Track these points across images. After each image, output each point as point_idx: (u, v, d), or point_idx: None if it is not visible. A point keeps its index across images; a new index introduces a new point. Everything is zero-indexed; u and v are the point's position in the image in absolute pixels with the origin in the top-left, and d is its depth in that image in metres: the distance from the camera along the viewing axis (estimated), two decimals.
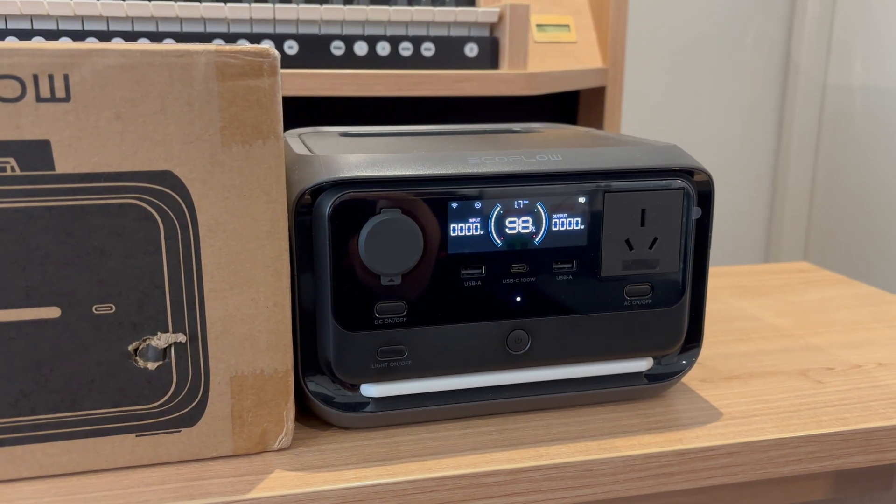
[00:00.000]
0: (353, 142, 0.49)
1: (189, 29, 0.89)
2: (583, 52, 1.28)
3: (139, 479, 0.38)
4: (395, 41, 0.94)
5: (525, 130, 0.60)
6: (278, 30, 0.91)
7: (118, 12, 0.85)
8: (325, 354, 0.41)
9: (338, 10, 0.91)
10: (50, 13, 0.84)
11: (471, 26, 0.98)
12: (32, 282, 0.36)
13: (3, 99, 0.34)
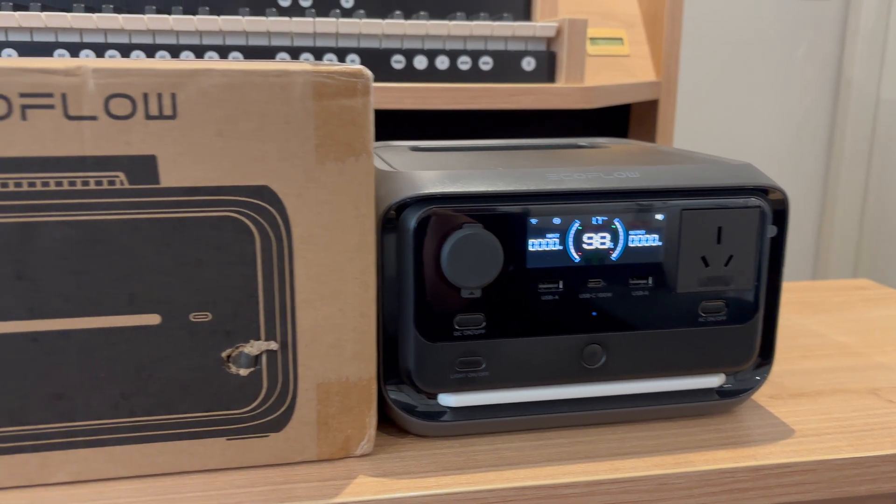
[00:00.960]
0: (427, 157, 0.50)
1: (254, 42, 0.91)
2: (635, 66, 1.29)
3: (229, 481, 0.40)
4: (453, 55, 0.96)
5: (591, 145, 0.61)
6: (340, 44, 0.93)
7: (188, 27, 0.88)
8: (406, 364, 0.42)
9: (399, 25, 0.93)
10: (124, 27, 0.86)
11: (528, 40, 0.99)
12: (135, 290, 0.38)
13: (115, 116, 0.36)
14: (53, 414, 0.38)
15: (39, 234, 0.36)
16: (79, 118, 0.35)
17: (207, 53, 0.89)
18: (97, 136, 0.36)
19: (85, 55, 0.86)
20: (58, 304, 0.37)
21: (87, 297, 0.37)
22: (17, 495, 0.38)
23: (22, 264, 0.36)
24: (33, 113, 0.35)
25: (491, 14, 1.03)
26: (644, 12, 1.32)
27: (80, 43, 0.88)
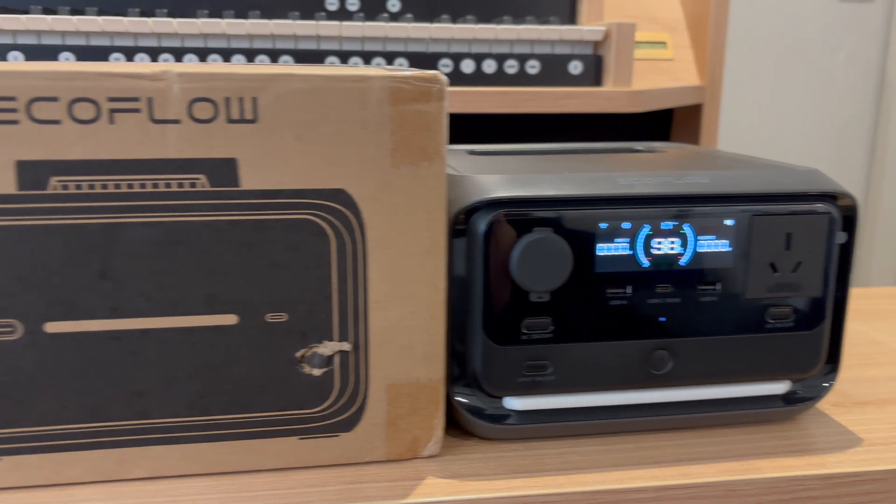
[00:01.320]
0: (488, 160, 0.50)
1: (304, 46, 0.92)
2: (679, 70, 1.28)
3: (301, 480, 0.40)
4: (501, 59, 0.96)
5: (647, 150, 0.61)
6: (388, 47, 0.94)
7: (240, 30, 0.89)
8: (473, 366, 0.43)
9: (446, 29, 0.94)
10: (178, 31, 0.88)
11: (574, 44, 0.99)
12: (214, 290, 0.38)
13: (198, 120, 0.36)
14: (132, 411, 0.39)
15: (124, 235, 0.37)
16: (163, 122, 0.36)
17: (258, 57, 0.90)
18: (180, 139, 0.36)
19: (139, 59, 0.88)
20: (139, 303, 0.38)
21: (168, 297, 0.38)
22: (96, 490, 0.39)
23: (106, 264, 0.37)
24: (120, 116, 0.36)
25: (537, 18, 1.03)
26: (687, 16, 1.31)
27: (134, 47, 0.89)
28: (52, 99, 0.35)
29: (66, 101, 0.35)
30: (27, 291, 0.37)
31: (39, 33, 0.87)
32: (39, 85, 0.35)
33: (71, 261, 0.37)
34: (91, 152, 0.36)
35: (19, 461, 0.39)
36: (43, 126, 0.35)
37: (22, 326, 0.37)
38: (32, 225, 0.36)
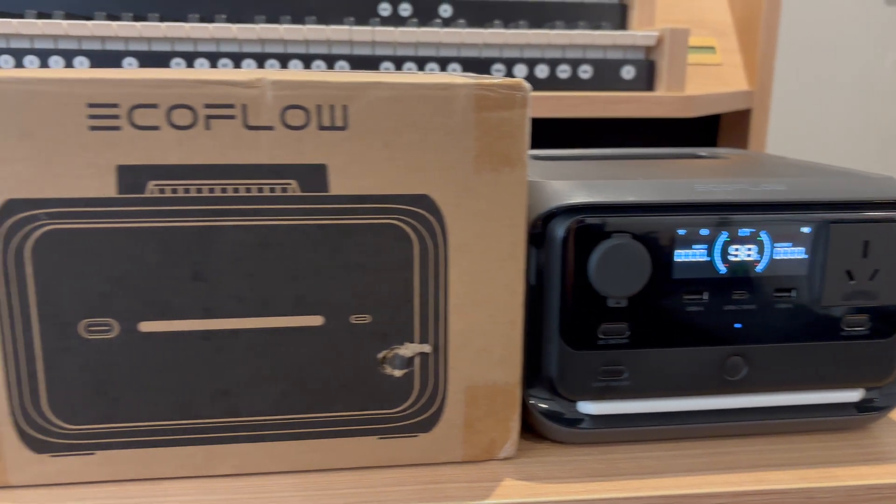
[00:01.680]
0: (556, 166, 0.51)
1: (359, 52, 0.93)
2: (727, 74, 1.27)
3: (380, 479, 0.41)
4: (553, 63, 0.96)
5: (712, 155, 0.61)
6: (441, 53, 0.95)
7: (297, 36, 0.90)
8: (549, 370, 0.43)
9: (499, 34, 0.94)
10: (237, 37, 0.90)
11: (626, 49, 0.99)
12: (301, 292, 0.39)
13: (291, 126, 0.37)
14: (219, 409, 0.40)
15: (217, 238, 0.38)
16: (257, 128, 0.37)
17: (314, 62, 0.92)
18: (273, 145, 0.37)
19: (199, 64, 0.90)
20: (230, 304, 0.39)
21: (257, 298, 0.39)
22: (184, 485, 0.40)
23: (200, 266, 0.38)
24: (216, 123, 0.37)
25: (589, 23, 1.04)
26: (736, 21, 1.30)
27: (194, 52, 0.91)
28: (152, 106, 0.36)
29: (165, 108, 0.36)
30: (124, 292, 0.38)
31: (104, 39, 0.89)
32: (141, 92, 0.36)
33: (166, 263, 0.38)
34: (187, 157, 0.37)
35: (112, 456, 0.40)
36: (143, 132, 0.36)
37: (118, 325, 0.38)
38: (130, 227, 0.37)
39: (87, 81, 0.36)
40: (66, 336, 0.38)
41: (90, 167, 0.36)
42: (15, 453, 0.39)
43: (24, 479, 0.40)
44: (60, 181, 0.36)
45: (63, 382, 0.39)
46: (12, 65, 0.87)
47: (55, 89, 0.35)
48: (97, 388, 0.39)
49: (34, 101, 0.35)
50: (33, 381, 0.38)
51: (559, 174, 0.46)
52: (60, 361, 0.38)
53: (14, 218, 0.37)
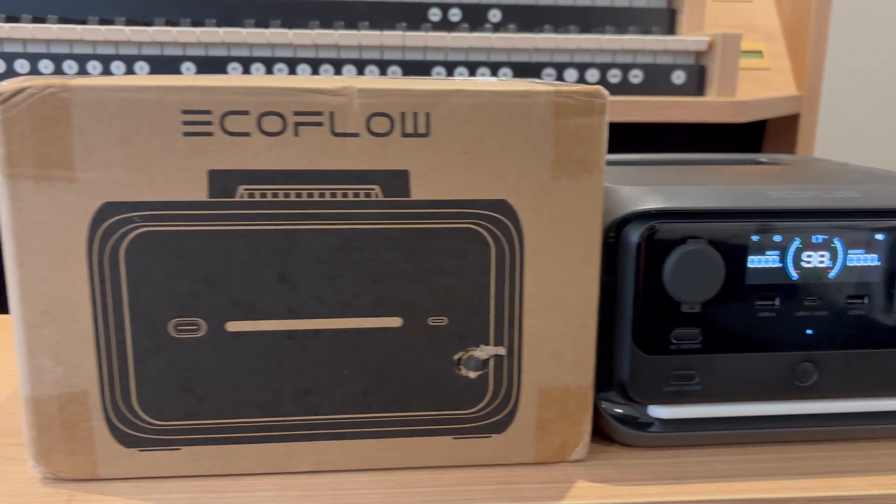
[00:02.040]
0: (624, 171, 0.51)
1: (411, 57, 0.94)
2: (775, 79, 1.27)
3: (456, 478, 0.42)
4: (604, 68, 0.97)
5: (773, 161, 0.61)
6: (492, 58, 0.96)
7: (351, 41, 0.92)
8: (620, 374, 0.44)
9: (550, 39, 0.95)
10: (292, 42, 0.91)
11: (676, 54, 0.99)
12: (381, 294, 0.40)
13: (375, 133, 0.38)
14: (301, 407, 0.41)
15: (301, 241, 0.39)
16: (343, 135, 0.38)
17: (368, 67, 0.93)
18: (358, 151, 0.38)
19: (256, 69, 0.91)
20: (313, 305, 0.40)
21: (339, 299, 0.40)
22: (266, 481, 0.42)
23: (285, 268, 0.39)
24: (304, 129, 0.38)
25: (638, 28, 1.04)
26: (785, 25, 1.29)
27: (249, 57, 0.93)
28: (243, 112, 0.37)
29: (255, 115, 0.38)
30: (211, 292, 0.39)
31: (162, 44, 0.91)
32: (233, 100, 0.37)
33: (252, 264, 0.39)
34: (276, 163, 0.38)
35: (196, 451, 0.41)
36: (234, 138, 0.38)
37: (205, 325, 0.40)
38: (220, 230, 0.39)
39: (182, 89, 0.37)
40: (156, 335, 0.39)
41: (183, 172, 0.38)
42: (105, 447, 0.41)
43: (114, 472, 0.41)
44: (155, 185, 0.38)
45: (152, 379, 0.40)
46: (76, 70, 0.90)
47: (152, 97, 0.37)
48: (184, 386, 0.40)
49: (132, 108, 0.37)
50: (124, 377, 0.40)
51: (628, 179, 0.46)
52: (150, 359, 0.40)
53: (110, 220, 0.38)
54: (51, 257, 0.38)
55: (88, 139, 0.37)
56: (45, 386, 0.39)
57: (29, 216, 0.38)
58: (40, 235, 0.38)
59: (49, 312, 0.39)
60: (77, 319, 0.39)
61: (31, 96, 0.36)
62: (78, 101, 0.37)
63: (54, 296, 0.38)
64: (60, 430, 0.40)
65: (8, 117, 0.36)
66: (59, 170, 0.37)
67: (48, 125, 0.37)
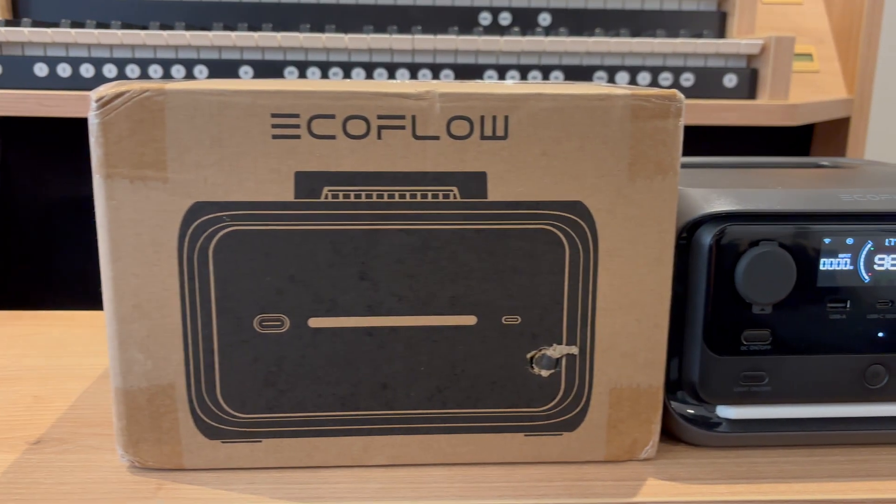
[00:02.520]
0: (692, 173, 0.52)
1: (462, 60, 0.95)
2: (825, 82, 1.26)
3: (527, 474, 0.43)
4: (655, 72, 0.97)
5: (834, 165, 0.61)
6: (543, 61, 0.96)
7: (405, 45, 0.93)
8: (690, 374, 0.44)
9: (602, 43, 0.95)
10: (348, 46, 0.93)
11: (728, 57, 0.99)
12: (457, 293, 0.41)
13: (455, 136, 0.39)
14: (378, 402, 0.42)
15: (382, 241, 0.40)
16: (424, 138, 0.39)
17: (420, 71, 0.94)
18: (438, 154, 0.40)
19: (311, 73, 0.93)
20: (392, 303, 0.41)
21: (417, 297, 0.41)
22: (343, 473, 0.43)
23: (365, 266, 0.41)
24: (387, 133, 0.39)
25: (688, 31, 1.04)
26: (835, 28, 1.28)
27: (305, 61, 0.95)
28: (329, 116, 0.39)
29: (341, 119, 0.39)
30: (295, 289, 0.41)
31: (221, 49, 0.93)
32: (320, 104, 0.39)
33: (335, 263, 0.40)
34: (359, 165, 0.39)
35: (277, 443, 0.43)
36: (320, 141, 0.39)
37: (289, 321, 0.41)
38: (305, 230, 0.40)
39: (272, 93, 0.38)
40: (242, 329, 0.41)
41: (271, 173, 0.39)
42: (190, 438, 0.42)
43: (197, 462, 0.43)
44: (244, 186, 0.39)
45: (236, 373, 0.41)
46: (138, 74, 0.92)
47: (244, 101, 0.38)
48: (267, 380, 0.42)
49: (224, 111, 0.38)
50: (210, 371, 0.41)
51: (697, 181, 0.47)
52: (235, 353, 0.41)
53: (200, 219, 0.40)
54: (143, 254, 0.40)
55: (181, 141, 0.39)
56: (134, 378, 0.41)
57: (123, 215, 0.39)
58: (134, 233, 0.39)
59: (140, 307, 0.40)
60: (166, 314, 0.40)
61: (128, 100, 0.38)
62: (172, 105, 0.38)
63: (145, 291, 0.40)
64: (149, 421, 0.42)
65: (106, 120, 0.38)
66: (153, 170, 0.39)
67: (144, 127, 0.38)
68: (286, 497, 0.41)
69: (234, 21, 0.97)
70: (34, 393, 0.52)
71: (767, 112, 0.94)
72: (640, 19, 1.06)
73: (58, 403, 0.51)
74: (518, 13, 1.02)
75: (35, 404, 0.51)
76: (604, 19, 1.05)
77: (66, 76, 0.93)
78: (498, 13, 1.02)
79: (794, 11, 1.27)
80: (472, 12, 1.02)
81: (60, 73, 0.92)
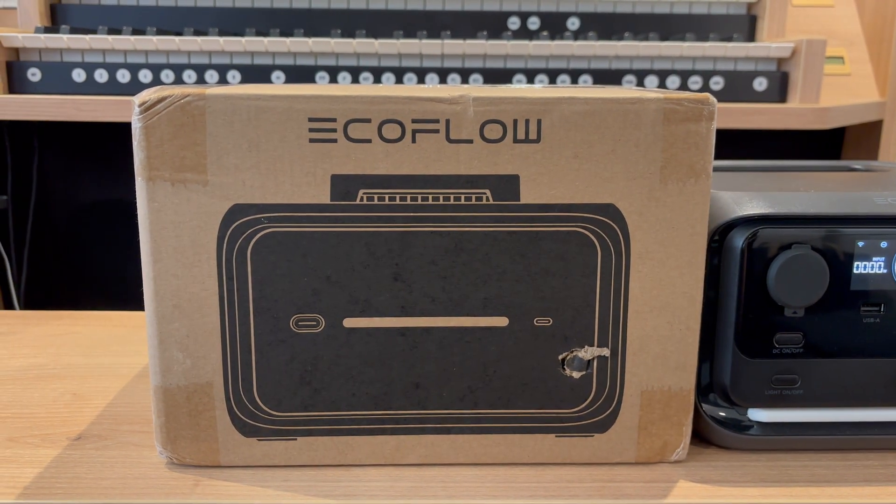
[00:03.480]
0: (724, 177, 0.52)
1: (491, 65, 0.96)
2: (856, 85, 1.25)
3: (558, 475, 0.43)
4: (684, 75, 0.97)
5: (868, 168, 0.61)
6: (572, 65, 0.97)
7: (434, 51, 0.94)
8: (721, 377, 0.44)
9: (631, 47, 0.95)
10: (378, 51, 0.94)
11: (758, 61, 0.98)
12: (489, 294, 0.42)
13: (488, 140, 0.40)
14: (410, 401, 0.43)
15: (415, 242, 0.41)
16: (458, 141, 0.40)
17: (450, 75, 0.95)
18: (471, 157, 0.40)
19: (342, 78, 0.94)
20: (425, 304, 0.42)
21: (450, 298, 0.42)
22: (376, 472, 0.43)
23: (399, 268, 0.41)
24: (421, 136, 0.40)
25: (718, 34, 1.03)
26: (867, 30, 1.27)
27: (336, 66, 0.96)
28: (365, 120, 0.39)
29: (376, 123, 0.39)
30: (331, 290, 0.41)
31: (253, 54, 0.95)
32: (356, 108, 0.39)
33: (370, 264, 0.41)
34: (394, 168, 0.40)
35: (312, 442, 0.43)
36: (356, 144, 0.40)
37: (324, 321, 0.42)
38: (340, 232, 0.41)
39: (308, 98, 0.39)
40: (278, 329, 0.42)
41: (308, 176, 0.40)
42: (226, 436, 0.43)
43: (234, 460, 0.43)
44: (281, 188, 0.40)
45: (272, 372, 0.42)
46: (172, 79, 0.94)
47: (282, 105, 0.39)
48: (302, 379, 0.42)
49: (262, 115, 0.39)
50: (247, 369, 0.42)
51: (729, 185, 0.47)
52: (271, 353, 0.42)
53: (239, 221, 0.40)
54: (183, 255, 0.41)
55: (221, 144, 0.39)
56: (174, 376, 0.42)
57: (164, 216, 0.40)
58: (174, 235, 0.40)
59: (180, 307, 0.41)
60: (205, 314, 0.41)
61: (170, 105, 0.39)
62: (212, 109, 0.39)
63: (185, 291, 0.41)
64: (187, 418, 0.43)
65: (149, 124, 0.39)
66: (193, 173, 0.40)
67: (184, 131, 0.39)
68: (320, 494, 0.41)
69: (267, 27, 0.99)
70: (73, 390, 0.54)
71: (798, 115, 0.93)
72: (669, 23, 1.06)
73: (97, 401, 0.52)
74: (547, 18, 1.03)
75: (74, 401, 0.52)
76: (633, 23, 1.05)
77: (102, 81, 0.95)
78: (527, 18, 1.03)
79: (824, 14, 1.26)
80: (501, 17, 1.02)
81: (97, 79, 0.94)
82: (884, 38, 1.24)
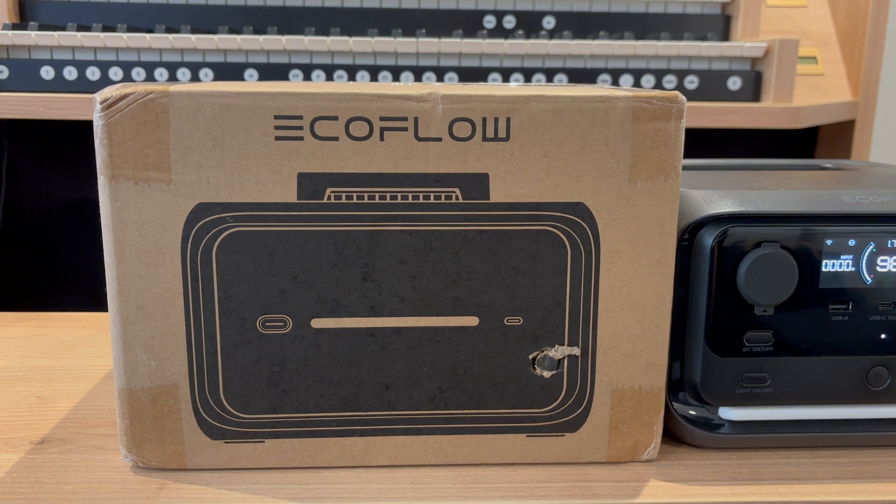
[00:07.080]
0: (694, 175, 0.52)
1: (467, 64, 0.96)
2: (829, 85, 1.26)
3: (529, 475, 0.43)
4: (659, 75, 0.97)
5: (838, 167, 0.61)
6: (548, 64, 0.97)
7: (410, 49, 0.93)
8: (692, 376, 0.44)
9: (606, 46, 0.95)
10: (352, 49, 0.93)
11: (732, 60, 0.99)
12: (459, 294, 0.42)
13: (457, 138, 0.40)
14: (380, 402, 0.43)
15: (384, 242, 0.40)
16: (426, 139, 0.39)
17: (425, 74, 0.95)
18: (440, 155, 0.40)
19: (316, 76, 0.93)
20: (394, 304, 0.41)
21: (419, 298, 0.41)
22: (345, 474, 0.43)
23: (368, 267, 0.41)
24: (389, 134, 0.39)
25: (693, 34, 1.04)
26: (840, 31, 1.28)
27: (309, 64, 0.95)
28: (332, 118, 0.39)
29: (344, 120, 0.39)
30: (299, 290, 0.41)
31: (226, 52, 0.94)
32: (323, 106, 0.39)
33: (338, 263, 0.41)
34: (362, 166, 0.40)
35: (280, 444, 0.43)
36: (323, 142, 0.39)
37: (291, 322, 0.41)
38: (307, 231, 0.40)
39: (275, 95, 0.39)
40: (245, 330, 0.41)
41: (274, 174, 0.39)
42: (193, 438, 0.42)
43: (200, 463, 0.43)
44: (246, 187, 0.39)
45: (239, 373, 0.42)
46: (143, 77, 0.93)
47: (247, 102, 0.38)
48: (269, 380, 0.42)
49: (227, 113, 0.39)
50: (213, 371, 0.41)
51: (699, 183, 0.47)
52: (238, 354, 0.41)
53: (203, 220, 0.40)
54: (147, 255, 0.40)
55: (185, 142, 0.39)
56: (138, 378, 0.41)
57: (128, 216, 0.39)
58: (138, 234, 0.40)
59: (144, 307, 0.40)
60: (170, 315, 0.41)
61: (132, 102, 0.38)
62: (176, 106, 0.38)
63: (150, 292, 0.40)
64: (152, 421, 0.42)
65: (111, 122, 0.38)
66: (157, 171, 0.39)
67: (148, 129, 0.39)
68: (288, 497, 0.41)
69: (240, 24, 0.98)
70: (38, 393, 0.53)
71: (771, 115, 0.94)
72: (644, 22, 1.06)
73: (62, 404, 0.51)
74: (522, 16, 1.02)
75: (39, 405, 0.51)
76: (608, 22, 1.05)
77: (72, 79, 0.93)
78: (502, 16, 1.02)
79: (798, 14, 1.27)
80: (477, 16, 1.02)
81: (66, 76, 0.93)
82: (856, 38, 1.25)
